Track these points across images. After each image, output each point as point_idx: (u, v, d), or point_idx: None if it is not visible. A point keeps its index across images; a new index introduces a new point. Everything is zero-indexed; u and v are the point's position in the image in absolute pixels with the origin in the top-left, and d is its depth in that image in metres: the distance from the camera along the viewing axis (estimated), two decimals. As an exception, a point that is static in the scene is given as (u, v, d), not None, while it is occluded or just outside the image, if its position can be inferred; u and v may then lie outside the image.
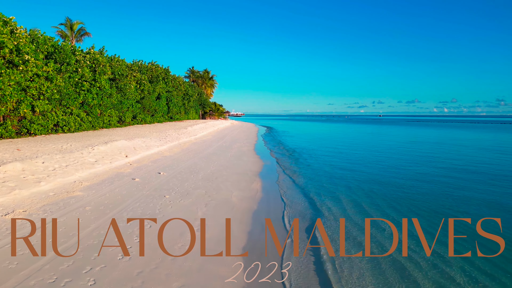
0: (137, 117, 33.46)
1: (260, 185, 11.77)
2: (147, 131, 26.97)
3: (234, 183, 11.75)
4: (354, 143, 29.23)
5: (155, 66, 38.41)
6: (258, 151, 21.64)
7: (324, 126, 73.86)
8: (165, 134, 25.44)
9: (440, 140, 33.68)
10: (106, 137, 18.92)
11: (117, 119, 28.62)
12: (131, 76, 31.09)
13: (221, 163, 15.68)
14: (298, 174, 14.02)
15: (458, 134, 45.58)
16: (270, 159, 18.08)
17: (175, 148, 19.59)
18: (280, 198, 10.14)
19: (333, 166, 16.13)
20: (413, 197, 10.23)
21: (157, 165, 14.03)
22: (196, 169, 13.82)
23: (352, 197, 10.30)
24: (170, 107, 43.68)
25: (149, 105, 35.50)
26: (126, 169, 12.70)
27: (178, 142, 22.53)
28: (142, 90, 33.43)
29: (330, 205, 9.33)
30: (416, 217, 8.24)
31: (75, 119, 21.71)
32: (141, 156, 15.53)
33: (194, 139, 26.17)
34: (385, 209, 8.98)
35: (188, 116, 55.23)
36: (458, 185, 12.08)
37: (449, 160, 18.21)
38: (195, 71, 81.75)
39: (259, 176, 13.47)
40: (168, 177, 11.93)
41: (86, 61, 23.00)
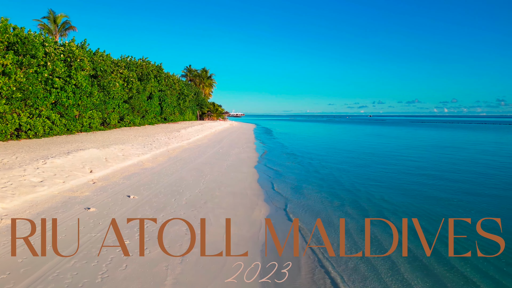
0: (124, 119, 30.14)
1: (264, 215, 8.55)
2: (133, 135, 23.67)
3: (228, 211, 8.56)
4: (371, 148, 25.94)
5: (146, 63, 34.99)
6: (259, 158, 18.38)
7: (327, 127, 70.72)
8: (153, 138, 22.16)
9: (459, 144, 30.55)
10: (75, 145, 15.62)
11: (99, 121, 25.31)
12: (116, 73, 27.76)
13: (214, 178, 12.44)
14: (311, 195, 10.71)
15: (473, 136, 42.59)
16: (274, 170, 14.82)
17: (160, 157, 16.31)
18: (296, 241, 6.84)
19: (354, 182, 12.83)
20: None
21: (130, 183, 10.75)
22: (181, 188, 10.59)
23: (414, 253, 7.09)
24: (163, 108, 40.30)
25: (139, 105, 32.17)
26: (84, 191, 9.41)
27: (167, 148, 19.25)
28: (130, 89, 30.06)
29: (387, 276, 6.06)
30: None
31: (44, 122, 18.40)
32: (113, 170, 12.24)
33: (187, 144, 22.89)
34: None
35: (184, 117, 51.92)
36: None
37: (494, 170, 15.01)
38: (192, 69, 78.42)
39: (262, 197, 10.25)
40: (139, 203, 8.68)
41: (58, 54, 19.66)
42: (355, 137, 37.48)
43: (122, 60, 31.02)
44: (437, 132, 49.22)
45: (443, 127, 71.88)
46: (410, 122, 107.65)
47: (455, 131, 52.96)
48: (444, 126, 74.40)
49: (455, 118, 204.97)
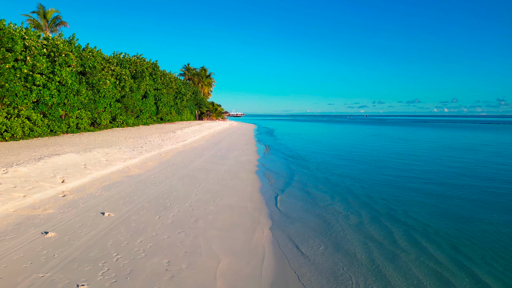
0: (117, 119, 28.41)
1: (269, 238, 6.93)
2: (124, 136, 21.97)
3: (223, 233, 6.95)
4: (381, 149, 24.26)
5: (140, 60, 33.22)
6: (261, 162, 16.70)
7: (330, 127, 68.99)
8: (145, 140, 20.46)
9: (471, 145, 28.90)
10: (52, 148, 13.91)
11: (88, 121, 23.60)
12: (108, 70, 26.02)
13: (209, 187, 10.77)
14: (324, 210, 9.01)
15: (482, 137, 40.98)
16: (278, 176, 13.14)
17: (150, 162, 14.62)
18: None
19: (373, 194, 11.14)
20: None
21: (108, 195, 9.07)
22: (168, 201, 8.93)
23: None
24: (159, 107, 38.53)
25: (133, 104, 30.43)
26: (48, 207, 7.72)
27: (159, 151, 17.56)
28: (123, 87, 28.31)
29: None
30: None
31: (23, 123, 16.69)
32: (91, 179, 10.54)
33: (182, 146, 21.20)
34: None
35: (181, 117, 50.18)
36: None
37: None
38: (190, 68, 76.63)
39: (265, 212, 8.62)
40: (114, 224, 7.01)
41: (40, 48, 17.94)
42: (361, 138, 35.78)
43: (114, 56, 29.27)
44: (444, 133, 47.51)
45: (447, 127, 70.20)
46: (412, 122, 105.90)
47: (461, 131, 51.29)
48: (448, 126, 72.70)
49: (456, 118, 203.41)
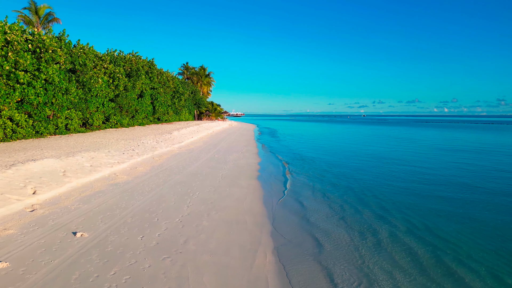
0: (110, 119, 27.08)
1: (273, 265, 5.71)
2: (115, 138, 20.65)
3: (217, 258, 5.79)
4: (390, 147, 22.98)
5: (136, 58, 31.87)
6: (262, 166, 15.41)
7: (331, 127, 67.67)
8: (138, 142, 19.16)
9: (483, 146, 27.64)
10: (30, 152, 12.60)
11: (79, 122, 22.28)
12: (100, 68, 24.68)
13: (204, 196, 9.50)
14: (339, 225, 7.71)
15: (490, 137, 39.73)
16: (280, 182, 11.85)
17: (141, 167, 13.32)
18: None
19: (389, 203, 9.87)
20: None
21: (86, 209, 7.78)
22: (156, 215, 7.67)
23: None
24: (156, 107, 37.16)
25: (128, 104, 29.09)
26: (10, 226, 6.43)
27: (152, 154, 16.27)
28: (117, 86, 26.98)
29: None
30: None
31: (5, 124, 15.38)
32: (69, 189, 9.25)
33: (178, 148, 19.90)
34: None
35: (179, 117, 48.82)
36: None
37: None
38: (189, 67, 75.25)
39: (267, 229, 7.37)
40: (85, 248, 5.77)
41: (23, 43, 16.62)
42: (366, 139, 34.48)
43: (108, 54, 27.92)
44: (451, 133, 46.11)
45: (451, 127, 68.89)
46: (414, 122, 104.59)
47: (467, 132, 49.98)
48: (451, 126, 71.35)
49: (456, 118, 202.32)
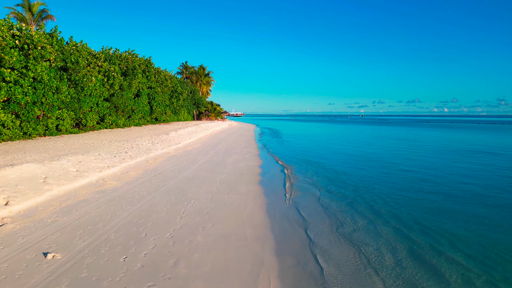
0: (105, 120, 26.10)
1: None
2: (108, 139, 19.66)
3: (212, 285, 4.71)
4: (401, 151, 22.04)
5: (132, 56, 30.87)
6: (263, 169, 14.44)
7: (333, 127, 66.72)
8: (132, 144, 18.18)
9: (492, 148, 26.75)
10: (11, 156, 11.61)
11: (72, 122, 21.29)
12: (94, 66, 23.69)
13: (199, 205, 8.54)
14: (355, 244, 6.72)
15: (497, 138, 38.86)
16: (285, 188, 10.87)
17: (133, 171, 12.35)
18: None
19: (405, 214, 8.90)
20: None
21: (63, 222, 6.81)
22: (144, 229, 6.73)
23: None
24: (154, 107, 36.16)
25: (123, 104, 28.10)
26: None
27: (146, 157, 15.29)
28: (112, 85, 26.01)
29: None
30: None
31: (-12, 125, 14.42)
32: (49, 198, 8.26)
33: (174, 150, 18.92)
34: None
35: (178, 117, 47.83)
36: None
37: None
38: (188, 66, 74.24)
39: (271, 246, 6.41)
40: (56, 273, 4.83)
41: (9, 39, 15.63)
42: (369, 140, 33.53)
43: (102, 51, 26.92)
44: (455, 134, 45.09)
45: (453, 127, 67.95)
46: (416, 122, 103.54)
47: (472, 132, 49.03)
48: (453, 127, 70.38)
49: (457, 118, 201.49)
